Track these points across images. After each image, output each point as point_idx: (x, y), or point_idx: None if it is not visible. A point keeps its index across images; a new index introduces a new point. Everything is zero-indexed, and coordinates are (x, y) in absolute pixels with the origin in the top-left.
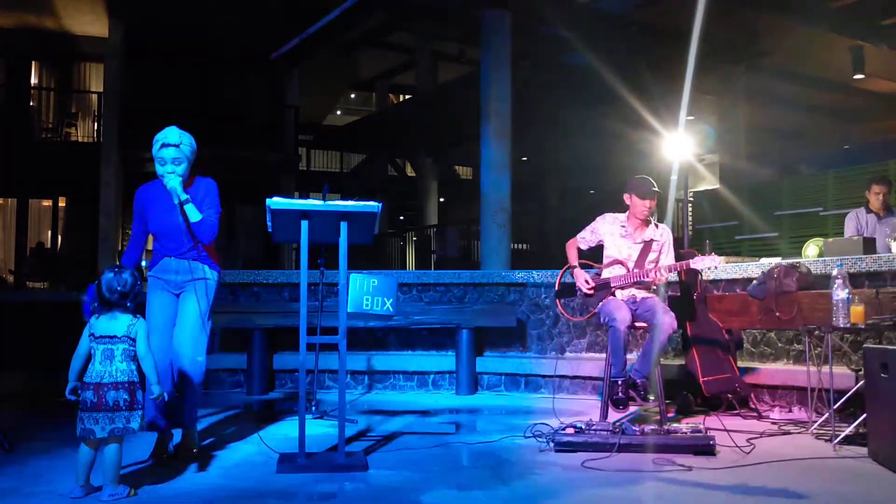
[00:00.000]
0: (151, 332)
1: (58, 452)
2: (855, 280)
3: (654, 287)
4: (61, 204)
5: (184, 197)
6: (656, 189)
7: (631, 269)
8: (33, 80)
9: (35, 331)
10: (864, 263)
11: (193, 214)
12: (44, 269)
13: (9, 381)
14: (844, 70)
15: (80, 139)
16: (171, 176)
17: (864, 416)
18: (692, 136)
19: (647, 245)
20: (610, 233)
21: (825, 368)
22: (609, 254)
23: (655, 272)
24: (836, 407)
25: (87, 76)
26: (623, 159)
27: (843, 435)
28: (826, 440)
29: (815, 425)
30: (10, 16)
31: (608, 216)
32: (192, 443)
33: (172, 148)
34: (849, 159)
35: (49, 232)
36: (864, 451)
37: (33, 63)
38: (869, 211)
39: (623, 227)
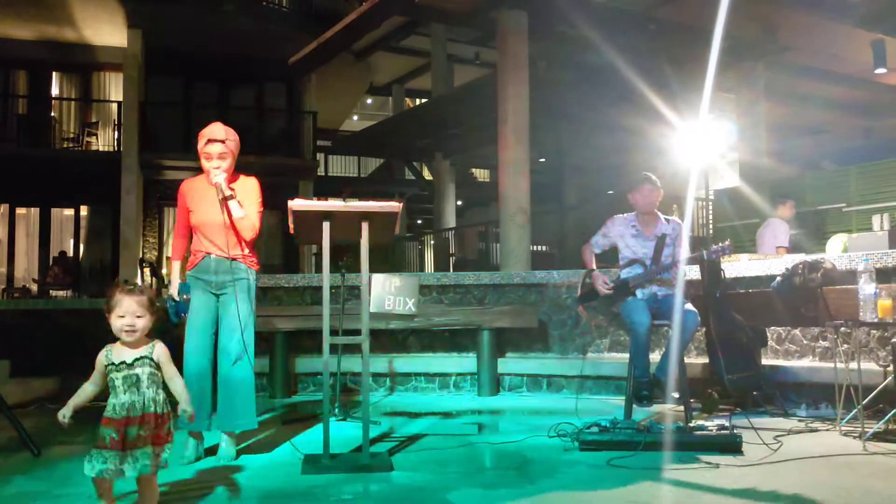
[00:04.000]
0: (191, 332)
1: (85, 456)
2: (881, 275)
3: (675, 283)
4: (83, 212)
5: (228, 193)
6: (654, 182)
7: (649, 266)
8: (54, 91)
9: (62, 338)
10: (891, 258)
11: (236, 210)
12: (66, 277)
13: (37, 387)
14: (866, 65)
15: (100, 148)
16: (217, 171)
17: (894, 411)
18: (714, 134)
19: (661, 240)
20: (621, 235)
21: (852, 364)
22: (625, 255)
23: (673, 265)
24: (864, 403)
25: (107, 85)
26: (642, 158)
27: (872, 431)
28: (855, 437)
29: (843, 422)
30: (30, 27)
31: (617, 218)
32: (229, 449)
33: (218, 144)
34: (871, 154)
35: (71, 241)
36: (894, 447)
37: (54, 73)
38: (785, 221)
39: (634, 226)
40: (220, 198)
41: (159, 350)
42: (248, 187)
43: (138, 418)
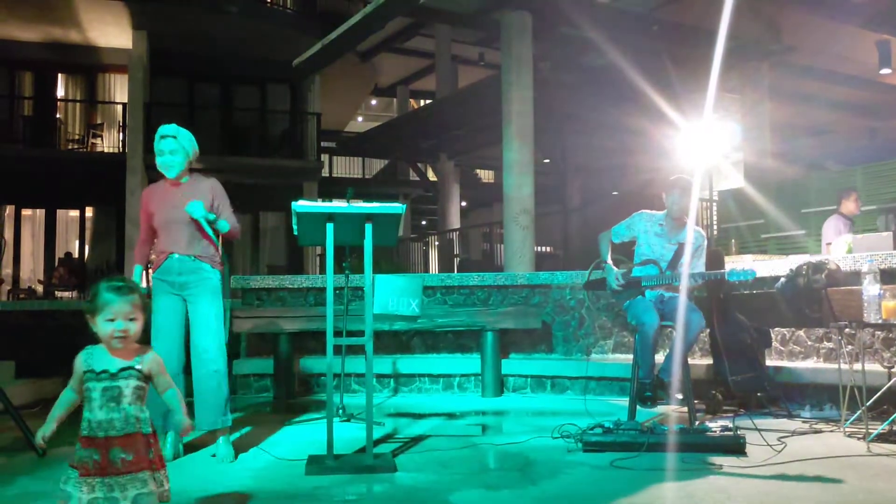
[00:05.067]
0: (157, 336)
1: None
2: (886, 276)
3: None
4: (88, 213)
5: (211, 217)
6: (688, 186)
7: (664, 271)
8: (59, 92)
9: (67, 339)
10: (895, 259)
11: (224, 226)
12: (72, 278)
13: (42, 388)
14: (871, 65)
15: (105, 149)
16: (171, 169)
17: None
18: (718, 135)
19: (682, 247)
20: (645, 231)
21: (857, 366)
22: (642, 252)
23: (688, 278)
24: (868, 404)
25: (112, 87)
26: (646, 159)
27: (876, 433)
28: (859, 438)
29: (847, 423)
30: (36, 29)
31: (645, 213)
32: (227, 449)
33: (170, 139)
34: (876, 155)
35: (76, 242)
36: None
37: (59, 75)
38: (847, 218)
39: (661, 225)
40: (205, 223)
41: (151, 360)
42: (214, 188)
43: (121, 439)
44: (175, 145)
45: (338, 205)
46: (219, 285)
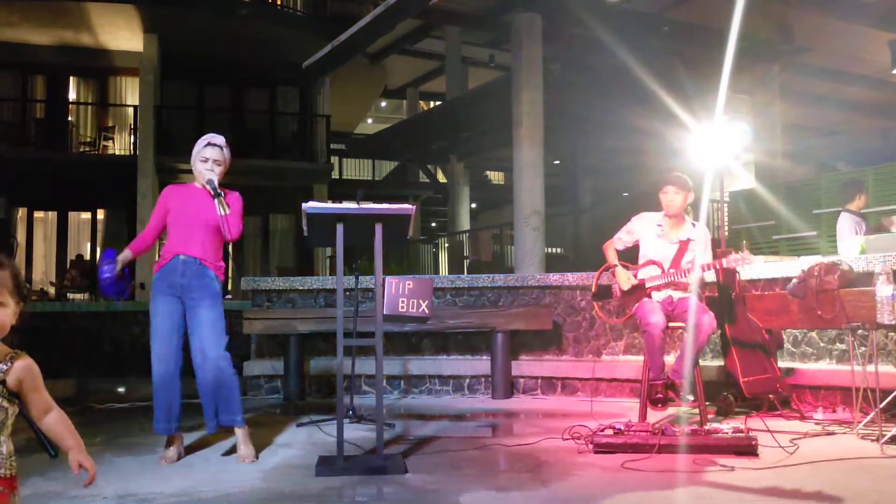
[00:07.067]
0: (156, 338)
1: (100, 458)
2: None
3: (690, 287)
4: (100, 216)
5: (219, 192)
6: (680, 183)
7: (666, 270)
8: (71, 95)
9: (79, 340)
10: None
11: (222, 208)
12: (83, 280)
13: (54, 389)
14: (883, 65)
15: (116, 152)
16: (209, 172)
17: None
18: (728, 136)
19: (684, 245)
20: (646, 233)
21: (870, 367)
22: (644, 254)
23: (691, 272)
24: (882, 406)
25: (123, 90)
26: (656, 160)
27: (889, 435)
28: (872, 440)
29: (861, 425)
30: (48, 33)
31: (644, 215)
32: (248, 449)
33: (218, 149)
34: (888, 155)
35: (88, 244)
36: None
37: (71, 78)
38: (858, 214)
39: (659, 226)
40: (212, 195)
41: (23, 368)
42: (233, 199)
43: None
44: (220, 156)
45: (348, 205)
46: (220, 293)
